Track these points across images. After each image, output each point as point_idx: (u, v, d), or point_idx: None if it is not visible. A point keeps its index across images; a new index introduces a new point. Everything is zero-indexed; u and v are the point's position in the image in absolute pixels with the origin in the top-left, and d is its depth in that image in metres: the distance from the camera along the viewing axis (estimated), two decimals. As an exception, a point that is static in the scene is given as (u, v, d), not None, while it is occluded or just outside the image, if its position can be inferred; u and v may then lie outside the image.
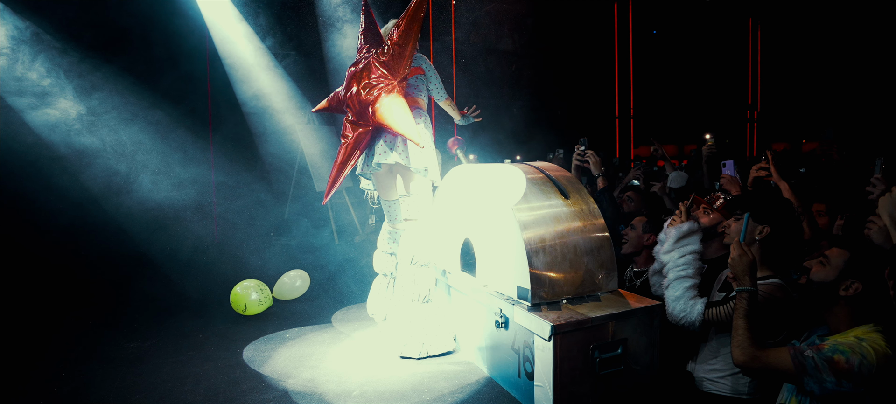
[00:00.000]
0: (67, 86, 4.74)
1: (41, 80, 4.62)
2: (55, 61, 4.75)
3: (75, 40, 4.87)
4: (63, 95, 4.73)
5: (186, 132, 5.62)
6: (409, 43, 3.01)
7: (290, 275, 4.57)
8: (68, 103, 4.75)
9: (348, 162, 3.13)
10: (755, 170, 3.47)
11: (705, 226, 3.14)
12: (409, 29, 2.99)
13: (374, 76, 2.98)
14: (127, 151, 5.17)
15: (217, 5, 5.60)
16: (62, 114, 4.71)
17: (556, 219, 2.67)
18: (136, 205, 5.29)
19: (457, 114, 3.67)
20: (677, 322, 2.61)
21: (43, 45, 4.69)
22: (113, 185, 5.16)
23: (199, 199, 5.73)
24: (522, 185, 2.78)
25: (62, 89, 4.71)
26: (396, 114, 2.90)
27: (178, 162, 5.54)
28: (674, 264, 2.67)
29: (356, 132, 3.11)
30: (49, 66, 4.69)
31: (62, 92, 4.72)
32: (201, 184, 5.78)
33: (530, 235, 2.56)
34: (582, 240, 2.67)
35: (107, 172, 5.12)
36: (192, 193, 5.68)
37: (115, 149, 5.09)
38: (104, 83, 5.01)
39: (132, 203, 5.27)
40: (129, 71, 5.23)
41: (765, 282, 2.51)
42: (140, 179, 5.28)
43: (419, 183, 3.16)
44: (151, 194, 5.35)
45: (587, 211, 2.78)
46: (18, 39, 4.52)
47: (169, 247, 5.39)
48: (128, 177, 5.23)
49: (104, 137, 4.98)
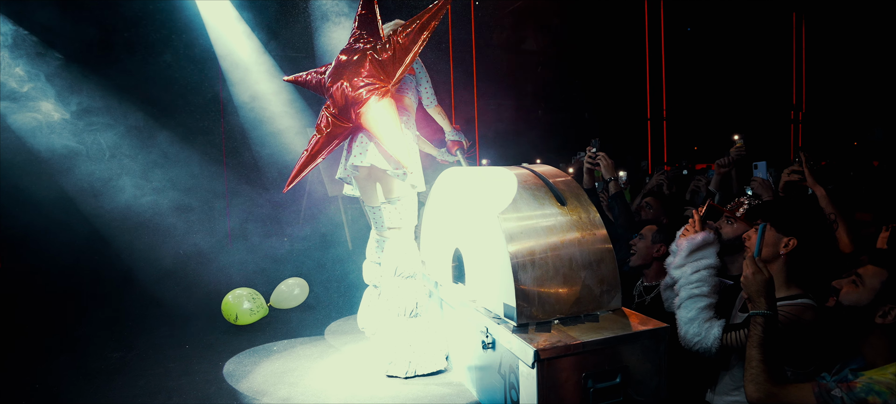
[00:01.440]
0: (49, 89, 4.72)
1: (22, 84, 4.61)
2: (36, 64, 4.73)
3: (67, 44, 4.86)
4: (45, 98, 4.71)
5: (175, 138, 5.53)
6: (413, 49, 2.80)
7: (288, 282, 4.40)
8: (51, 106, 4.73)
9: (318, 155, 2.91)
10: (787, 174, 3.10)
11: (728, 238, 2.80)
12: (418, 35, 2.79)
13: (367, 74, 2.76)
14: (113, 156, 5.12)
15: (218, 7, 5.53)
16: (45, 116, 4.69)
17: (549, 229, 2.39)
18: (132, 210, 5.22)
19: (447, 124, 3.40)
20: (690, 347, 2.30)
21: (27, 47, 4.69)
22: (107, 189, 5.11)
23: (194, 203, 5.63)
24: (512, 191, 2.50)
25: (44, 92, 4.70)
26: (384, 126, 2.68)
27: (177, 168, 5.47)
28: (686, 281, 2.35)
29: (334, 127, 2.88)
30: (31, 69, 4.68)
31: (44, 95, 4.71)
32: (199, 190, 5.68)
33: (518, 247, 2.29)
34: (579, 252, 2.38)
35: (103, 177, 5.07)
36: (188, 198, 5.60)
37: (96, 153, 5.04)
38: (90, 86, 4.97)
39: (129, 207, 5.21)
40: (118, 73, 5.19)
41: (791, 303, 2.16)
42: (140, 184, 5.22)
43: (400, 187, 2.92)
44: (150, 199, 5.29)
45: (586, 220, 2.48)
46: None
47: (167, 253, 5.30)
48: (126, 182, 5.18)
49: (86, 140, 4.93)
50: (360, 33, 2.88)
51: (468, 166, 3.43)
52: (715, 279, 2.33)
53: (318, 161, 3.00)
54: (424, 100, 3.23)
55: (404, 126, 2.90)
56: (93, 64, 5.01)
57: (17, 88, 4.62)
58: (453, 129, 3.45)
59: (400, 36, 2.76)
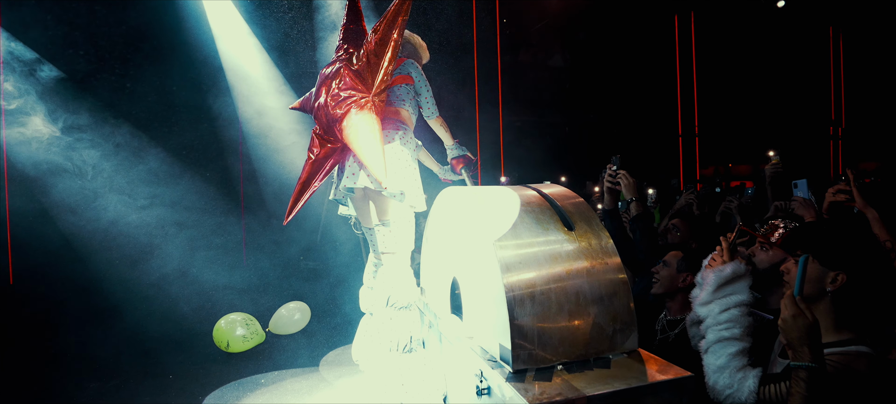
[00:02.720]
0: (39, 106, 4.66)
1: (10, 100, 4.56)
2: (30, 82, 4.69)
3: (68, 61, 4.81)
4: (35, 113, 4.64)
5: (167, 155, 5.40)
6: (386, 52, 2.54)
7: (289, 306, 4.19)
8: (40, 121, 4.66)
9: (312, 181, 2.70)
10: (832, 194, 2.73)
11: (763, 267, 2.45)
12: (386, 37, 2.53)
13: (344, 87, 2.53)
14: (98, 173, 5.01)
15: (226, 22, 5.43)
16: (35, 133, 4.62)
17: (553, 258, 2.09)
18: (127, 230, 5.10)
19: (449, 138, 3.14)
20: (721, 401, 1.95)
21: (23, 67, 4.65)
22: (90, 206, 5.00)
23: (188, 221, 5.48)
24: (512, 214, 2.22)
25: (34, 108, 4.64)
26: (363, 139, 2.43)
27: (173, 186, 5.34)
28: (714, 321, 2.02)
29: (324, 148, 2.67)
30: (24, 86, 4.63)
31: (34, 110, 4.64)
32: (194, 209, 5.54)
33: (515, 279, 2.00)
34: (588, 284, 2.07)
35: (86, 194, 4.96)
36: (183, 216, 5.45)
37: (82, 169, 4.94)
38: (83, 104, 4.91)
39: (114, 225, 5.08)
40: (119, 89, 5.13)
41: (841, 351, 1.81)
42: (127, 201, 5.10)
43: (396, 209, 2.66)
44: (138, 217, 5.16)
45: (597, 247, 2.17)
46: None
47: (160, 273, 5.15)
48: (112, 200, 5.06)
49: (73, 156, 4.84)
50: (344, 47, 2.67)
51: (473, 185, 3.16)
52: (748, 319, 1.99)
53: (313, 188, 2.80)
54: (425, 111, 2.99)
55: (399, 140, 2.66)
56: (91, 80, 4.95)
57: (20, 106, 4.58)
58: (456, 144, 3.18)
59: (372, 42, 2.52)
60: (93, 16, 4.89)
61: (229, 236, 5.75)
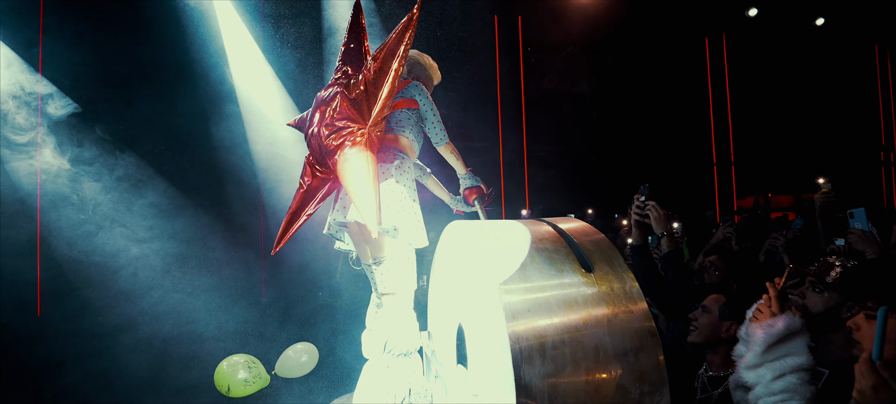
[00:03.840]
0: (48, 137, 4.64)
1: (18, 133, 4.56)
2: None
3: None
4: (44, 145, 4.62)
5: (172, 188, 5.31)
6: (385, 82, 2.31)
7: (296, 348, 3.96)
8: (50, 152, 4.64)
9: (302, 212, 2.49)
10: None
11: (817, 312, 2.10)
12: (386, 66, 2.30)
13: (339, 116, 2.32)
14: (97, 206, 4.93)
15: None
16: (44, 164, 4.60)
17: (568, 304, 1.80)
18: (118, 260, 4.98)
19: (461, 166, 2.88)
20: None
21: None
22: (89, 238, 4.91)
23: (191, 256, 5.32)
24: (522, 253, 1.94)
25: (43, 140, 4.62)
26: (355, 180, 2.21)
27: (177, 219, 5.23)
28: (766, 390, 1.67)
29: (315, 178, 2.46)
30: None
31: (44, 142, 4.63)
32: (195, 240, 5.38)
33: (522, 328, 1.72)
34: (609, 336, 1.77)
35: (87, 226, 4.88)
36: (188, 249, 5.31)
37: (81, 202, 4.87)
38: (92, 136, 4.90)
39: (114, 257, 4.98)
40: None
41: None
42: (128, 234, 5.01)
43: (391, 246, 2.41)
44: (140, 250, 5.04)
45: (620, 291, 1.87)
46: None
47: (162, 309, 4.98)
48: (114, 233, 4.97)
49: (76, 188, 4.79)
50: (343, 69, 2.47)
51: (487, 218, 2.89)
52: (810, 388, 1.63)
53: (303, 219, 2.59)
54: (432, 138, 2.75)
55: (394, 171, 2.42)
56: (103, 110, 4.94)
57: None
58: (469, 174, 2.92)
59: (369, 69, 2.31)
60: (109, 47, 4.92)
61: (234, 270, 5.56)
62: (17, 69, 4.56)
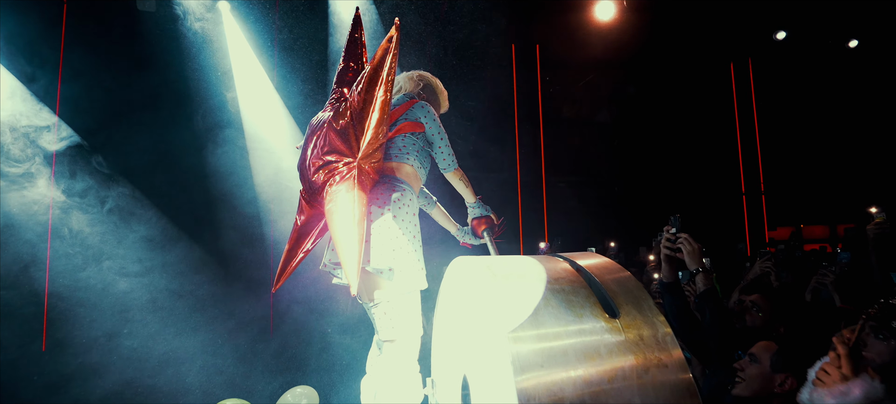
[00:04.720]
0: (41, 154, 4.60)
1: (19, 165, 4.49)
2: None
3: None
4: (40, 176, 4.56)
5: (167, 220, 5.16)
6: (371, 112, 2.07)
7: (295, 392, 3.72)
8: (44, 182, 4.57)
9: (296, 249, 2.27)
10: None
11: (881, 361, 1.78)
12: (370, 93, 2.07)
13: (327, 148, 2.11)
14: (88, 236, 4.80)
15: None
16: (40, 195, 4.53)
17: (589, 355, 1.52)
18: (107, 296, 4.82)
19: (470, 195, 2.63)
20: None
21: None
22: (80, 272, 4.77)
23: (186, 291, 5.12)
24: (535, 294, 1.68)
25: (38, 173, 4.57)
26: (337, 222, 2.00)
27: (172, 253, 5.07)
28: None
29: (310, 212, 2.24)
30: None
31: (39, 174, 4.57)
32: (188, 275, 5.18)
33: (533, 383, 1.44)
34: (639, 392, 1.49)
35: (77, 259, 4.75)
36: (182, 285, 5.12)
37: (66, 233, 4.75)
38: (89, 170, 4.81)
39: (104, 291, 4.82)
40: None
41: None
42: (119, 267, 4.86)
43: (388, 289, 2.15)
44: (128, 284, 4.88)
45: (651, 339, 1.59)
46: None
47: (153, 348, 4.76)
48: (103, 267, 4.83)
49: (72, 216, 4.69)
50: (339, 90, 2.26)
51: (497, 253, 2.62)
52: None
53: (300, 256, 2.38)
54: (440, 164, 2.52)
55: (393, 206, 2.17)
56: (101, 140, 4.88)
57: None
58: (477, 202, 2.67)
59: (353, 100, 2.09)
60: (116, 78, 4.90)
61: (226, 307, 5.32)
62: (18, 99, 4.54)
